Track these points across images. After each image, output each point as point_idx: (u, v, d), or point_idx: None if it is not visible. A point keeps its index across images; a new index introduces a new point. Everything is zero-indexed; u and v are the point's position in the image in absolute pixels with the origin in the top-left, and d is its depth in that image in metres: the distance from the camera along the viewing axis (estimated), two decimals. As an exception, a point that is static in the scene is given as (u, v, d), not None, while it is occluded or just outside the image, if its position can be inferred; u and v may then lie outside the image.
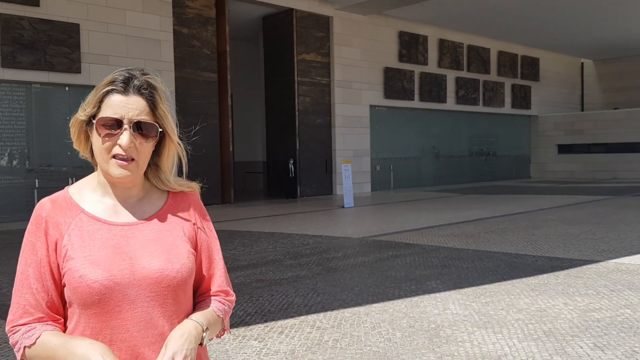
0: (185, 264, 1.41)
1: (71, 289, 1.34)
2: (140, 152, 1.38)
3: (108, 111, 1.36)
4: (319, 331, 4.38)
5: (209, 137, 15.14)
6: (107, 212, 1.42)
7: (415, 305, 5.03)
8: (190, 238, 1.47)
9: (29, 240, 1.39)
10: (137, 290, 1.34)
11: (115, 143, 1.35)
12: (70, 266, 1.34)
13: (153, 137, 1.39)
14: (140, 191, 1.46)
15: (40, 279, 1.35)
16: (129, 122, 1.35)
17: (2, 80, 11.90)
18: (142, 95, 1.38)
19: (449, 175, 22.99)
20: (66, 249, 1.36)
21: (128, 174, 1.37)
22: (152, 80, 1.40)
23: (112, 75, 1.39)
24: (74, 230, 1.38)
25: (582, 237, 8.75)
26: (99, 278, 1.32)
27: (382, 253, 7.72)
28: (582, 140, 25.85)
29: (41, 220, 1.39)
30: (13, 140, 12.19)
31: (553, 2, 18.58)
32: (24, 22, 11.96)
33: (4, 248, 8.66)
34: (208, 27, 15.39)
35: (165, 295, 1.37)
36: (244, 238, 9.28)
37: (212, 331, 1.44)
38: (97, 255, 1.35)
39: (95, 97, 1.38)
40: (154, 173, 1.47)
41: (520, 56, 25.77)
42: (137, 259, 1.37)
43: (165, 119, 1.41)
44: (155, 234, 1.42)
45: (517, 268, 6.54)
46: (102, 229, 1.39)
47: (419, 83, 21.13)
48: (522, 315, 4.67)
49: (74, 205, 1.42)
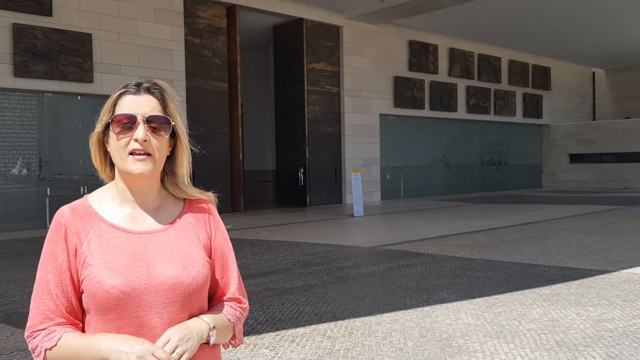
0: (200, 271, 1.43)
1: (89, 295, 1.36)
2: (156, 147, 1.42)
3: (122, 110, 1.42)
4: (330, 340, 4.35)
5: (220, 145, 15.19)
6: (126, 220, 1.45)
7: (427, 315, 5.00)
8: (205, 246, 1.50)
9: (49, 247, 1.41)
10: (154, 297, 1.37)
11: (131, 139, 1.40)
12: (89, 272, 1.37)
13: (166, 131, 1.43)
14: (157, 198, 1.50)
15: (61, 284, 1.38)
16: (142, 117, 1.40)
17: (15, 89, 12.02)
18: (152, 94, 1.44)
19: (460, 184, 22.90)
20: (85, 256, 1.39)
21: (146, 169, 1.40)
22: (161, 83, 1.48)
23: (124, 84, 1.47)
24: (92, 238, 1.41)
25: (595, 247, 8.66)
26: (117, 284, 1.35)
27: (393, 262, 7.69)
28: (594, 149, 25.69)
29: (61, 227, 1.42)
30: (25, 149, 12.29)
31: (564, 11, 18.54)
32: (37, 32, 12.10)
33: (16, 256, 8.71)
34: (219, 37, 15.48)
35: (180, 301, 1.40)
36: (254, 246, 9.28)
37: (221, 333, 1.45)
38: (116, 262, 1.38)
39: (110, 103, 1.44)
40: (171, 180, 1.51)
41: (532, 65, 25.71)
42: (154, 266, 1.40)
43: (175, 117, 1.46)
44: (172, 242, 1.45)
45: (529, 278, 6.48)
46: (121, 236, 1.42)
47: (429, 92, 21.12)
48: (534, 326, 4.63)
49: (93, 213, 1.45)
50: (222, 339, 1.47)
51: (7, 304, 5.66)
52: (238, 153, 15.84)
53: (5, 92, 12.02)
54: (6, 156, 12.05)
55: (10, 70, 11.84)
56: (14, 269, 7.59)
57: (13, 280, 6.82)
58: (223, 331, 1.47)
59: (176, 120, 1.46)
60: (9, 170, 12.10)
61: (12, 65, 11.84)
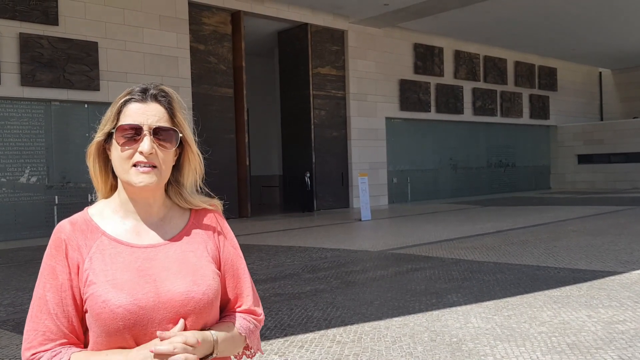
0: (211, 285, 1.36)
1: (94, 315, 1.28)
2: (162, 159, 1.34)
3: (127, 119, 1.34)
4: (339, 345, 4.33)
5: (226, 151, 15.21)
6: (129, 234, 1.37)
7: (437, 319, 4.97)
8: (214, 258, 1.43)
9: (48, 264, 1.33)
10: (163, 314, 1.29)
11: (135, 151, 1.32)
12: (93, 291, 1.29)
13: (173, 143, 1.36)
14: (162, 209, 1.42)
15: (61, 304, 1.30)
16: (148, 128, 1.33)
17: (22, 98, 12.09)
18: (159, 103, 1.36)
19: (467, 187, 22.83)
20: (87, 274, 1.31)
21: (150, 181, 1.32)
22: (168, 90, 1.40)
23: (128, 89, 1.38)
24: (95, 254, 1.33)
25: (604, 248, 8.60)
26: (123, 303, 1.27)
27: (401, 266, 7.66)
28: (602, 150, 25.55)
29: (61, 243, 1.34)
30: (33, 158, 12.35)
31: (570, 12, 18.48)
32: (44, 41, 12.16)
33: (24, 264, 8.74)
34: (224, 44, 15.53)
35: (191, 317, 1.31)
36: (262, 252, 9.26)
37: (227, 347, 1.38)
38: (120, 279, 1.30)
39: (114, 110, 1.36)
40: (175, 190, 1.44)
41: (538, 66, 25.63)
42: (162, 281, 1.32)
43: (183, 126, 1.39)
44: (179, 255, 1.38)
45: (539, 280, 6.43)
46: (125, 251, 1.34)
47: (435, 94, 21.08)
48: (545, 328, 4.59)
49: (94, 227, 1.37)
50: (230, 352, 1.40)
51: (16, 312, 5.67)
52: (244, 158, 15.85)
53: (13, 102, 12.08)
54: (14, 165, 12.11)
55: (18, 80, 11.90)
56: (23, 277, 7.61)
57: (22, 288, 6.84)
58: (230, 346, 1.39)
59: (184, 130, 1.38)
60: (17, 179, 12.16)
61: (19, 75, 11.91)
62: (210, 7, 15.19)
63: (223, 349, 1.35)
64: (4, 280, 7.41)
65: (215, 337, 1.33)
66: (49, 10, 12.26)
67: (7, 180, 12.03)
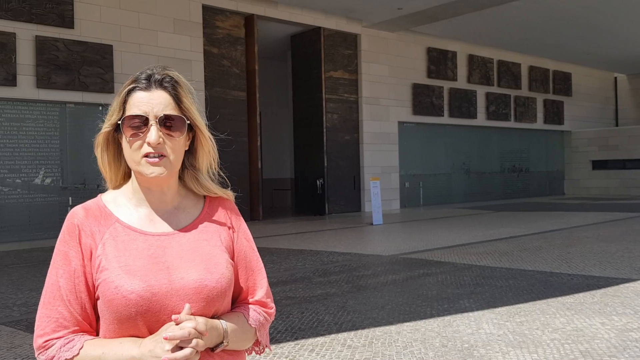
0: (224, 274, 1.35)
1: (106, 302, 1.28)
2: (171, 148, 1.33)
3: (133, 110, 1.32)
4: (350, 350, 4.32)
5: (238, 154, 15.26)
6: (143, 222, 1.37)
7: (448, 325, 4.94)
8: (227, 247, 1.42)
9: (61, 250, 1.34)
10: (175, 302, 1.28)
11: (144, 142, 1.31)
12: (105, 277, 1.28)
13: (181, 131, 1.34)
14: (176, 197, 1.42)
15: (74, 290, 1.30)
16: (154, 117, 1.31)
17: (37, 100, 12.22)
18: (165, 89, 1.34)
19: (480, 192, 22.70)
20: (100, 260, 1.30)
21: (161, 172, 1.32)
22: (173, 74, 1.37)
23: (133, 76, 1.36)
24: (108, 240, 1.33)
25: (619, 255, 8.51)
26: (136, 289, 1.26)
27: (413, 271, 7.63)
28: (617, 155, 25.30)
29: (74, 228, 1.35)
30: (47, 159, 12.46)
31: (584, 17, 18.35)
32: (59, 44, 12.29)
33: (37, 265, 8.81)
34: (237, 47, 15.59)
35: (203, 306, 1.31)
36: (273, 255, 9.27)
37: (237, 341, 1.36)
38: (134, 266, 1.29)
39: (119, 100, 1.35)
40: (191, 175, 1.43)
41: (552, 71, 25.46)
42: (175, 269, 1.31)
43: (191, 112, 1.36)
44: (193, 243, 1.37)
45: (552, 287, 6.38)
46: (138, 239, 1.34)
47: (449, 99, 21.01)
48: (557, 335, 4.54)
49: (108, 214, 1.38)
50: (239, 346, 1.38)
51: (29, 312, 5.72)
52: (257, 162, 15.89)
53: (29, 104, 12.21)
54: (29, 166, 12.23)
55: (33, 82, 12.03)
56: (37, 277, 7.68)
57: (35, 289, 6.90)
58: (240, 338, 1.37)
59: (193, 115, 1.36)
60: (32, 180, 12.27)
61: (35, 77, 12.04)
62: (224, 10, 15.27)
63: (233, 339, 1.34)
64: (17, 281, 7.48)
65: (225, 326, 1.32)
66: (64, 13, 12.39)
67: (22, 181, 12.15)
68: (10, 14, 11.73)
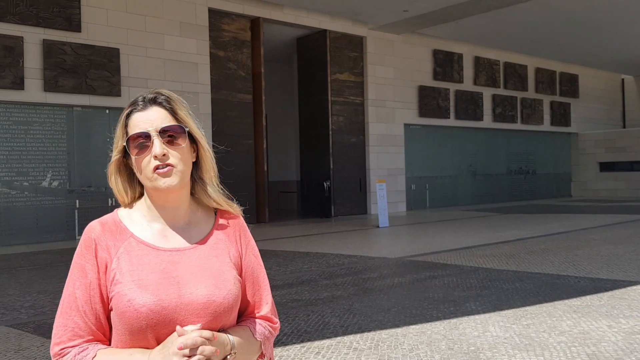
0: (231, 290, 1.41)
1: (118, 314, 1.33)
2: (177, 158, 1.39)
3: (134, 129, 1.40)
4: (356, 352, 4.32)
5: (244, 157, 15.29)
6: (156, 237, 1.43)
7: (454, 327, 4.93)
8: (236, 264, 1.48)
9: (78, 263, 1.39)
10: (184, 316, 1.34)
11: (151, 157, 1.38)
12: (119, 290, 1.34)
13: (184, 138, 1.41)
14: (188, 213, 1.48)
15: (89, 301, 1.36)
16: (155, 131, 1.38)
17: (44, 103, 12.28)
18: (160, 105, 1.42)
19: (487, 194, 22.64)
20: (114, 273, 1.36)
21: (172, 181, 1.38)
22: (165, 92, 1.46)
23: (129, 103, 1.46)
24: (123, 254, 1.38)
25: (626, 257, 8.47)
26: (147, 302, 1.32)
27: (419, 274, 7.62)
28: (625, 157, 25.18)
29: (91, 242, 1.40)
30: (54, 162, 12.53)
31: (591, 18, 18.30)
32: (66, 48, 12.35)
33: (45, 267, 8.85)
34: (243, 50, 15.63)
35: (211, 320, 1.36)
36: (279, 257, 9.28)
37: (242, 350, 1.41)
38: (146, 280, 1.35)
39: (121, 126, 1.43)
40: (201, 187, 1.49)
41: (559, 73, 25.38)
42: (185, 284, 1.37)
43: (188, 122, 1.44)
44: (203, 259, 1.43)
45: (558, 289, 6.36)
46: (151, 253, 1.40)
47: (455, 101, 20.98)
48: (564, 338, 4.53)
49: (123, 229, 1.43)
50: (245, 358, 1.43)
51: (37, 315, 5.75)
52: (263, 164, 15.91)
53: (36, 107, 12.28)
54: (36, 169, 12.29)
55: (41, 86, 12.10)
56: (44, 280, 7.71)
57: (43, 291, 6.93)
58: (246, 351, 1.43)
59: (189, 125, 1.43)
60: (39, 183, 12.34)
61: (42, 81, 12.11)
62: (230, 14, 15.31)
63: (240, 350, 1.39)
64: (25, 283, 7.51)
65: (232, 340, 1.38)
66: (72, 17, 12.46)
67: (30, 184, 12.21)
68: (18, 18, 11.80)
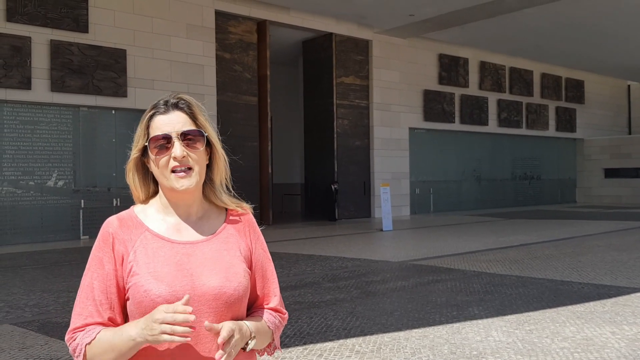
0: (241, 282, 1.49)
1: (135, 303, 1.42)
2: (195, 160, 1.47)
3: (156, 132, 1.48)
4: (359, 355, 4.33)
5: (249, 159, 15.31)
6: (170, 231, 1.51)
7: (457, 332, 4.93)
8: (246, 258, 1.56)
9: (96, 255, 1.47)
10: (197, 306, 1.41)
11: (170, 158, 1.46)
12: (135, 281, 1.42)
13: (202, 143, 1.49)
14: (200, 209, 1.56)
15: (105, 291, 1.44)
16: (176, 134, 1.46)
17: (51, 103, 12.34)
18: (181, 110, 1.50)
19: (491, 199, 22.61)
20: (131, 265, 1.44)
21: (189, 184, 1.46)
22: (186, 97, 1.54)
23: (151, 104, 1.53)
24: (139, 248, 1.46)
25: (630, 264, 8.45)
26: (163, 293, 1.40)
27: (422, 278, 7.62)
28: (630, 164, 25.11)
29: (108, 236, 1.48)
30: (60, 162, 12.58)
31: (597, 24, 18.27)
32: (74, 48, 12.42)
33: (49, 267, 8.89)
34: (249, 52, 15.67)
35: (222, 311, 1.44)
36: (282, 260, 9.29)
37: (260, 340, 1.50)
38: (161, 272, 1.43)
39: (142, 126, 1.51)
40: (210, 188, 1.57)
41: (564, 78, 25.34)
42: (198, 276, 1.45)
43: (207, 128, 1.52)
44: (214, 252, 1.51)
45: (562, 295, 6.35)
46: (166, 246, 1.48)
47: (460, 105, 20.97)
48: (567, 344, 4.52)
49: (139, 223, 1.51)
50: (260, 345, 1.52)
51: (41, 314, 5.77)
52: (267, 166, 15.94)
53: (43, 107, 12.34)
54: (42, 169, 12.34)
55: (48, 86, 12.16)
56: (49, 279, 7.75)
57: (48, 290, 6.96)
58: (262, 337, 1.52)
59: (208, 130, 1.52)
60: (45, 182, 12.39)
61: (50, 81, 12.16)
62: (237, 16, 15.36)
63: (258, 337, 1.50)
64: (30, 282, 7.55)
65: (250, 326, 1.48)
66: (79, 17, 12.52)
67: (35, 184, 12.27)
68: (26, 18, 11.87)
